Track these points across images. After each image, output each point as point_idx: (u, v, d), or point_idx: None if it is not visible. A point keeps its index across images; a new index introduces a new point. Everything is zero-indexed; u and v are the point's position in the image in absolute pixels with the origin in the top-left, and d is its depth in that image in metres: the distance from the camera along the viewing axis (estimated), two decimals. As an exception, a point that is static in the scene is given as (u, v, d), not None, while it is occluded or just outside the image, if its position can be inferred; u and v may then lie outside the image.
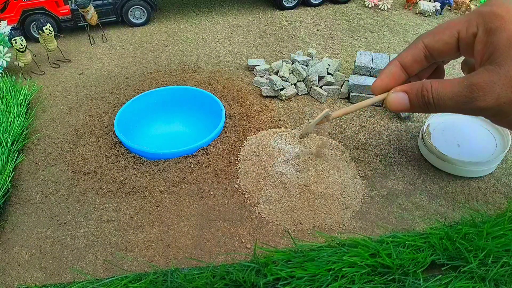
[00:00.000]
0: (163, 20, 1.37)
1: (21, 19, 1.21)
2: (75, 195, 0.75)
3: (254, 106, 0.95)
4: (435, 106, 0.60)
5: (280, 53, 1.16)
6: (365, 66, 0.94)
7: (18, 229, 0.70)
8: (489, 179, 0.76)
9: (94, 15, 1.22)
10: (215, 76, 1.06)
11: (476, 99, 0.55)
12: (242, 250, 0.64)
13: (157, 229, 0.69)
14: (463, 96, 0.57)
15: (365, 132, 0.87)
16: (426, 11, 1.34)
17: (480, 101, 0.55)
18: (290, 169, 0.73)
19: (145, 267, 0.63)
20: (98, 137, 0.87)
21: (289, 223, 0.68)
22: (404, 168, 0.79)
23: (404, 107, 0.64)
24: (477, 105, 0.56)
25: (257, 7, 1.43)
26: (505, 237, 0.60)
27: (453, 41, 0.61)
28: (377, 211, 0.71)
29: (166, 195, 0.74)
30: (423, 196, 0.73)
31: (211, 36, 1.27)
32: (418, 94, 0.62)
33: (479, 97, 0.55)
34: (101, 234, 0.68)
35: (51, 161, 0.82)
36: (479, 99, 0.55)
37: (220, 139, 0.84)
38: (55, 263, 0.64)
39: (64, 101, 1.00)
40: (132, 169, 0.79)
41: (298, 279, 0.55)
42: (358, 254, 0.58)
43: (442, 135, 0.82)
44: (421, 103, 0.62)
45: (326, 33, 1.26)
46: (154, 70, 1.10)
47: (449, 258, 0.59)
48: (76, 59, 1.17)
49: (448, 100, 0.58)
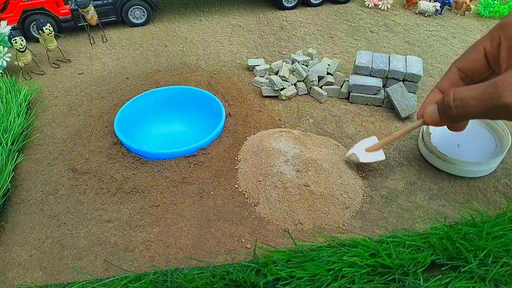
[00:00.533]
0: (163, 20, 1.37)
1: (21, 19, 1.21)
2: (75, 195, 0.75)
3: (254, 106, 0.95)
4: (456, 109, 0.60)
5: (280, 53, 1.16)
6: (365, 66, 0.94)
7: (18, 229, 0.70)
8: (489, 179, 0.76)
9: (94, 15, 1.21)
10: (215, 76, 1.06)
11: (501, 95, 0.55)
12: (242, 250, 0.64)
13: (157, 229, 0.69)
14: (488, 93, 0.56)
15: (365, 132, 0.87)
16: (426, 11, 1.34)
17: (506, 96, 0.54)
18: (290, 169, 0.73)
19: (145, 267, 0.63)
20: (98, 137, 0.87)
21: (289, 223, 0.68)
22: (404, 168, 0.79)
23: (435, 118, 0.65)
24: (503, 101, 0.55)
25: (257, 7, 1.43)
26: (505, 237, 0.60)
27: (481, 57, 0.63)
28: (377, 211, 0.71)
29: (166, 195, 0.74)
30: (423, 196, 0.73)
31: (211, 36, 1.27)
32: (441, 100, 0.63)
33: (504, 92, 0.54)
34: (101, 234, 0.68)
35: (51, 161, 0.82)
36: (504, 95, 0.54)
37: (220, 139, 0.84)
38: (55, 263, 0.64)
39: (64, 101, 1.00)
40: (132, 169, 0.79)
41: (298, 279, 0.55)
42: (358, 254, 0.58)
43: (442, 135, 0.82)
44: (443, 109, 0.62)
45: (326, 33, 1.26)
46: (154, 70, 1.10)
47: (449, 258, 0.59)
48: (76, 59, 1.17)
49: (471, 99, 0.58)
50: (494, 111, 0.57)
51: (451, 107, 0.61)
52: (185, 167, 0.79)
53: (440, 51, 1.16)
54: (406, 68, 0.92)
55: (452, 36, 1.24)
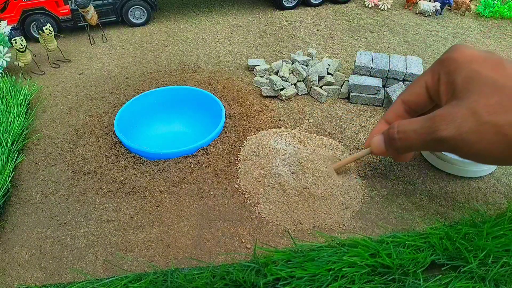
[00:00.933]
0: (163, 20, 1.37)
1: (21, 19, 1.21)
2: (75, 195, 0.75)
3: (254, 106, 0.95)
4: (400, 141, 0.62)
5: (280, 53, 1.16)
6: (365, 66, 0.94)
7: (18, 229, 0.70)
8: (489, 179, 0.76)
9: (94, 15, 1.22)
10: (215, 76, 1.06)
11: (438, 129, 0.57)
12: (242, 250, 0.64)
13: (157, 229, 0.69)
14: (426, 127, 0.59)
15: (365, 132, 0.87)
16: (426, 11, 1.34)
17: (442, 130, 0.56)
18: (290, 169, 0.73)
19: (145, 267, 0.63)
20: (98, 137, 0.87)
21: (289, 223, 0.68)
22: (404, 168, 0.79)
23: (381, 148, 0.67)
24: (439, 135, 0.57)
25: (257, 7, 1.43)
26: (505, 237, 0.60)
27: (423, 91, 0.65)
28: (377, 211, 0.71)
29: (166, 195, 0.74)
30: (423, 196, 0.73)
31: (211, 36, 1.27)
32: (386, 132, 0.65)
33: (441, 126, 0.57)
34: (101, 234, 0.68)
35: (51, 161, 0.82)
36: (441, 129, 0.57)
37: (220, 139, 0.84)
38: (55, 263, 0.64)
39: (64, 101, 1.00)
40: (132, 169, 0.79)
41: (298, 279, 0.55)
42: (358, 254, 0.58)
43: (442, 135, 0.82)
44: (388, 141, 0.65)
45: (326, 33, 1.26)
46: (154, 70, 1.10)
47: (449, 258, 0.59)
48: (76, 59, 1.17)
49: (411, 132, 0.61)
50: (432, 144, 0.59)
51: (395, 139, 0.63)
52: (185, 167, 0.79)
53: (440, 51, 1.16)
54: (406, 68, 0.92)
55: (452, 36, 1.24)
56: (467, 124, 0.55)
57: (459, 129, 0.55)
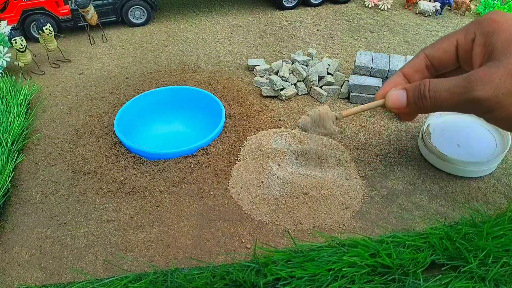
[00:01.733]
0: (163, 20, 1.37)
1: (21, 19, 1.21)
2: (75, 195, 0.75)
3: (254, 106, 0.95)
4: (430, 100, 0.60)
5: (280, 53, 1.16)
6: (365, 66, 0.94)
7: (18, 229, 0.70)
8: (489, 179, 0.76)
9: (94, 15, 1.21)
10: (215, 76, 1.06)
11: (473, 89, 0.55)
12: (242, 250, 0.64)
13: (157, 229, 0.69)
14: (460, 86, 0.56)
15: (365, 132, 0.87)
16: (426, 11, 1.34)
17: (478, 90, 0.54)
18: (290, 169, 0.73)
19: (145, 267, 0.63)
20: (98, 137, 0.87)
21: (289, 223, 0.68)
22: (404, 168, 0.79)
23: (401, 103, 0.64)
24: (474, 95, 0.55)
25: (257, 7, 1.43)
26: (505, 237, 0.60)
27: (452, 49, 0.62)
28: (377, 211, 0.71)
29: (166, 195, 0.74)
30: (423, 196, 0.73)
31: (211, 36, 1.27)
32: (415, 89, 0.62)
33: (476, 86, 0.54)
34: (101, 234, 0.68)
35: (51, 161, 0.82)
36: (476, 89, 0.54)
37: (220, 139, 0.84)
38: (55, 263, 0.64)
39: (64, 101, 1.00)
40: (132, 169, 0.79)
41: (298, 279, 0.55)
42: (358, 254, 0.58)
43: (442, 135, 0.82)
44: (417, 97, 0.61)
45: (326, 33, 1.26)
46: (154, 70, 1.10)
47: (449, 258, 0.59)
48: (76, 59, 1.17)
49: (444, 91, 0.58)
50: (465, 105, 0.57)
51: (426, 97, 0.60)
52: (185, 167, 0.79)
53: (440, 51, 1.16)
54: (406, 68, 0.92)
55: (452, 36, 1.24)
56: (505, 86, 0.53)
57: (495, 90, 0.53)
